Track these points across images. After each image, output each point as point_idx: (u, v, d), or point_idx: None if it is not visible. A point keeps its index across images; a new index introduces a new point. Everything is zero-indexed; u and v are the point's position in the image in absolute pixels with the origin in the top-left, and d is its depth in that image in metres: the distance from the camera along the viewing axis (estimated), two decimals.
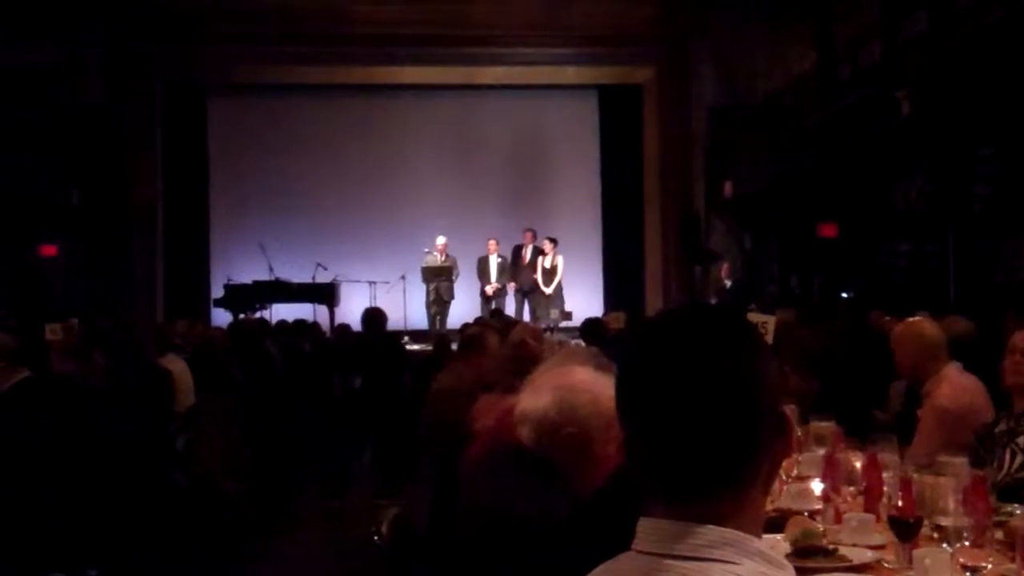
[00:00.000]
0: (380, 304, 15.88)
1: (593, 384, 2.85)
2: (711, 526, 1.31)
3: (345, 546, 6.57)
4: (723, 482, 1.33)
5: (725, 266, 16.01)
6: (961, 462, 3.04)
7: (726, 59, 16.46)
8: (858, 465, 3.39)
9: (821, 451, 3.67)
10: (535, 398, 2.82)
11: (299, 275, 15.85)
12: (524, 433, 2.80)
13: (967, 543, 2.67)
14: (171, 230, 17.48)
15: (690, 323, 1.40)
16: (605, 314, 12.60)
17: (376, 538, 3.14)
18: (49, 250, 15.77)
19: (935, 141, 10.52)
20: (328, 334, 13.22)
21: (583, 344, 8.27)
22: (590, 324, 9.38)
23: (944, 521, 2.67)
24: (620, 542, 1.43)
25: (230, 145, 17.86)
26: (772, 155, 14.08)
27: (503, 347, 5.87)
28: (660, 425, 1.33)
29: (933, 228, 11.16)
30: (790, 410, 3.57)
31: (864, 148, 11.61)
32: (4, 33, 15.09)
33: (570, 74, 17.84)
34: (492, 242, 15.84)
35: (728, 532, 1.31)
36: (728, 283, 15.72)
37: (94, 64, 16.29)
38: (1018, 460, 3.93)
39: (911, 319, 5.02)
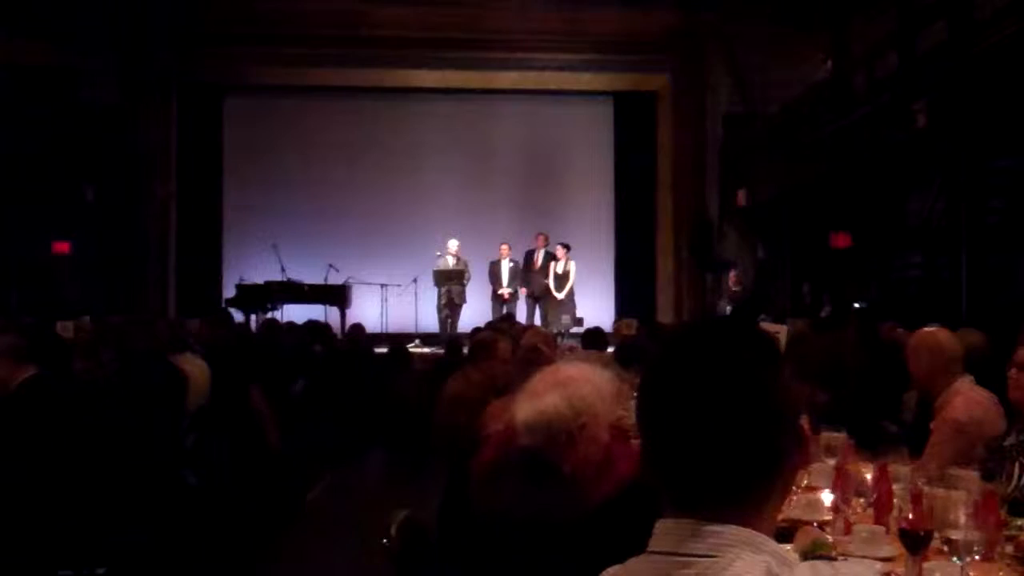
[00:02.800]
0: (391, 307, 16.00)
1: (588, 373, 2.89)
2: (729, 525, 1.32)
3: (354, 549, 6.56)
4: (739, 493, 1.34)
5: (737, 274, 15.97)
6: (972, 475, 3.03)
7: (741, 67, 16.45)
8: (868, 476, 3.38)
9: (832, 462, 3.65)
10: (538, 401, 2.83)
11: (311, 276, 15.86)
12: (536, 440, 2.79)
13: (977, 557, 2.66)
14: (184, 229, 17.56)
15: (709, 335, 1.42)
16: (616, 320, 12.56)
17: (385, 541, 3.14)
18: (62, 247, 15.80)
19: (950, 153, 10.48)
20: (339, 336, 13.20)
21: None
22: (591, 333, 9.42)
23: (954, 534, 2.65)
24: (628, 547, 1.43)
25: (245, 146, 17.89)
26: (786, 164, 14.04)
27: (515, 352, 5.87)
28: (679, 436, 1.35)
29: (947, 240, 11.11)
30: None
31: (879, 159, 11.56)
32: (22, 33, 15.16)
33: (586, 80, 17.84)
34: (504, 246, 15.83)
35: (744, 531, 1.32)
36: (740, 291, 15.68)
37: (111, 64, 16.36)
38: None
39: (927, 329, 4.96)
